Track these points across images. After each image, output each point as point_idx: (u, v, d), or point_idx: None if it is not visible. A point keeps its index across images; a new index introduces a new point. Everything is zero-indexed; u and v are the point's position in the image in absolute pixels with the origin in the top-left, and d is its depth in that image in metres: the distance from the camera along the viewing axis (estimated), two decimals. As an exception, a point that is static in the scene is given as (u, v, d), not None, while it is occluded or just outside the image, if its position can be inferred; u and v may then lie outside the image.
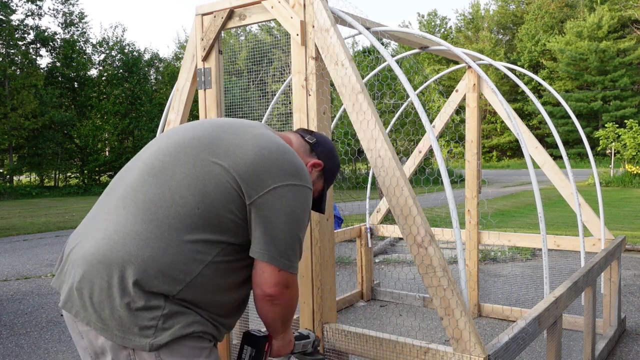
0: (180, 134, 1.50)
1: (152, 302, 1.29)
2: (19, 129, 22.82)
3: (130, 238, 1.32)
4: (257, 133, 1.47)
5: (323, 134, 1.76)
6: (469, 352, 1.75)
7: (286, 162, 1.42)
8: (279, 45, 13.29)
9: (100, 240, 1.35)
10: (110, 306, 1.29)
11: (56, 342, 4.09)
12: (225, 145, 1.42)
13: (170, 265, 1.30)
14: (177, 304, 1.32)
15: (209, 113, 2.48)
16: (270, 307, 1.44)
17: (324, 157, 1.67)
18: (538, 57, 45.90)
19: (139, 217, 1.35)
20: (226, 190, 1.35)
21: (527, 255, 6.88)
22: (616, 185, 19.85)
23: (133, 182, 1.43)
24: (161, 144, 1.49)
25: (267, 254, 1.38)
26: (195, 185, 1.36)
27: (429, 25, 54.33)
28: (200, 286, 1.34)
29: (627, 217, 10.90)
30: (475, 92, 4.14)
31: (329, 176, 1.71)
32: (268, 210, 1.37)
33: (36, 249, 8.58)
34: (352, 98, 2.01)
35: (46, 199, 20.90)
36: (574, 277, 2.73)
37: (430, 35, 2.85)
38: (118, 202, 1.41)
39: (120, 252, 1.31)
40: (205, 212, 1.34)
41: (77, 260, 1.37)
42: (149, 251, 1.30)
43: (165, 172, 1.40)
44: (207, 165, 1.38)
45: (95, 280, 1.30)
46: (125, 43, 29.38)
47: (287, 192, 1.39)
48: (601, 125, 36.38)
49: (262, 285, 1.40)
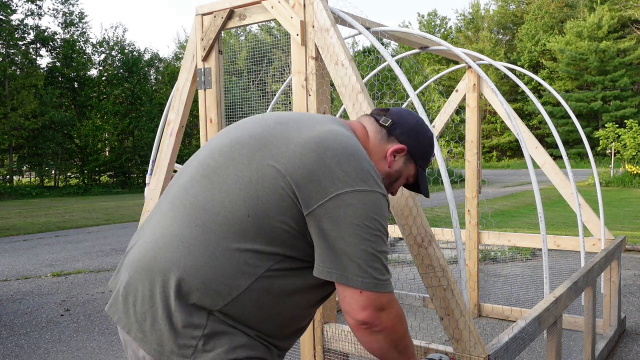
0: (239, 130, 1.34)
1: (194, 318, 1.16)
2: (19, 129, 22.83)
3: (174, 244, 1.21)
4: (324, 130, 1.27)
5: (402, 110, 1.51)
6: (469, 352, 1.75)
7: (352, 165, 1.20)
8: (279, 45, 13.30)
9: (147, 245, 1.26)
10: (152, 317, 1.18)
11: (56, 342, 4.09)
12: (284, 144, 1.23)
13: (215, 277, 1.16)
14: (220, 322, 1.17)
15: (209, 113, 2.48)
16: (371, 336, 1.21)
17: (405, 139, 1.44)
18: (538, 57, 45.90)
19: (185, 221, 1.23)
20: (280, 197, 1.18)
21: (527, 255, 6.88)
22: (616, 185, 19.85)
23: (185, 182, 1.31)
24: (219, 141, 1.35)
25: (336, 272, 1.17)
26: (247, 190, 1.20)
27: (429, 25, 54.32)
28: (249, 302, 1.19)
29: (627, 217, 10.90)
30: (475, 92, 4.14)
31: (419, 157, 1.48)
32: (331, 221, 1.16)
33: (36, 249, 8.58)
34: (352, 98, 2.01)
35: (46, 199, 20.90)
36: (574, 277, 2.73)
37: (430, 35, 2.85)
38: (169, 204, 1.30)
39: (163, 259, 1.20)
40: (257, 220, 1.18)
41: (127, 263, 1.29)
42: (192, 260, 1.18)
43: (218, 174, 1.25)
44: (261, 168, 1.21)
45: (139, 288, 1.21)
46: (126, 43, 29.41)
47: (353, 199, 1.17)
48: (601, 125, 36.38)
49: (350, 312, 1.19)
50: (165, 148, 2.67)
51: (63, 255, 8.00)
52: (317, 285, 1.26)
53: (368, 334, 1.20)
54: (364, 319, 1.18)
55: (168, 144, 2.66)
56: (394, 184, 1.48)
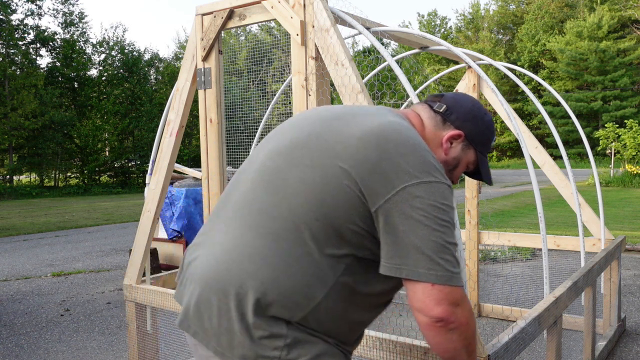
0: (297, 129, 1.29)
1: (274, 328, 1.12)
2: (19, 129, 22.85)
3: (247, 255, 1.16)
4: (383, 122, 1.22)
5: (457, 94, 1.46)
6: (469, 352, 1.75)
7: (416, 156, 1.16)
8: (279, 45, 13.31)
9: (218, 257, 1.19)
10: (229, 331, 1.13)
11: (56, 342, 4.09)
12: (344, 140, 1.18)
13: (292, 288, 1.12)
14: (300, 331, 1.13)
15: (209, 113, 2.48)
16: (446, 334, 1.12)
17: (461, 124, 1.39)
18: (538, 57, 45.92)
19: (255, 230, 1.18)
20: (347, 196, 1.13)
21: (527, 255, 6.88)
22: (616, 185, 19.85)
23: (247, 188, 1.25)
24: (277, 142, 1.29)
25: (406, 268, 1.11)
26: (313, 192, 1.15)
27: (429, 25, 54.35)
28: (325, 311, 1.14)
29: (627, 217, 10.91)
30: (475, 92, 4.14)
31: (478, 142, 1.42)
32: (399, 215, 1.11)
33: (36, 249, 8.58)
34: (352, 98, 2.01)
35: (46, 199, 20.92)
36: (574, 277, 2.73)
37: (430, 35, 2.85)
38: (234, 212, 1.24)
39: (237, 272, 1.15)
40: (326, 223, 1.14)
41: (194, 276, 1.22)
42: (267, 271, 1.13)
43: (280, 177, 1.20)
44: (325, 168, 1.16)
45: (213, 302, 1.16)
46: (126, 43, 29.43)
47: (420, 191, 1.12)
48: (601, 125, 36.39)
49: (423, 309, 1.10)
50: (165, 148, 2.67)
51: (63, 255, 8.00)
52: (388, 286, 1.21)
53: (443, 332, 1.12)
54: (440, 314, 1.10)
55: (168, 144, 2.66)
56: (453, 171, 1.43)
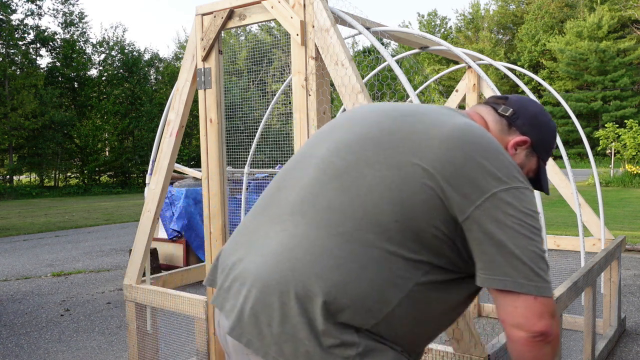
0: (363, 124, 1.20)
1: (345, 336, 1.03)
2: (19, 129, 22.85)
3: (316, 256, 1.07)
4: (460, 123, 1.14)
5: (522, 98, 1.38)
6: (469, 352, 1.75)
7: (501, 160, 1.10)
8: (279, 45, 13.29)
9: (278, 256, 1.10)
10: (293, 339, 1.04)
11: (56, 342, 4.09)
12: (423, 139, 1.11)
13: (366, 293, 1.04)
14: (371, 339, 1.06)
15: (209, 113, 2.48)
16: (543, 349, 1.06)
17: (528, 130, 1.31)
18: (538, 57, 45.93)
19: (324, 229, 1.09)
20: (429, 198, 1.06)
21: (527, 255, 6.86)
22: (616, 185, 19.85)
23: (310, 184, 1.16)
24: (341, 137, 1.20)
25: (509, 279, 1.03)
26: (391, 192, 1.07)
27: (429, 25, 54.35)
28: (398, 319, 1.07)
29: (627, 217, 10.91)
30: (475, 92, 4.14)
31: (542, 150, 1.34)
32: (493, 223, 1.05)
33: (36, 249, 8.58)
34: (352, 98, 2.01)
35: (46, 199, 20.91)
36: (574, 277, 2.73)
37: (430, 35, 2.86)
38: (292, 209, 1.15)
39: (305, 273, 1.06)
40: (405, 225, 1.06)
41: (248, 277, 1.11)
42: (339, 274, 1.05)
43: (351, 174, 1.12)
44: (404, 166, 1.08)
45: (275, 306, 1.06)
46: (126, 43, 29.44)
47: (510, 197, 1.06)
48: (601, 125, 36.39)
49: (524, 324, 1.03)
50: (165, 148, 2.67)
51: (63, 255, 8.00)
52: (462, 297, 1.15)
53: (540, 346, 1.05)
54: (542, 329, 1.03)
55: (168, 144, 2.66)
56: None
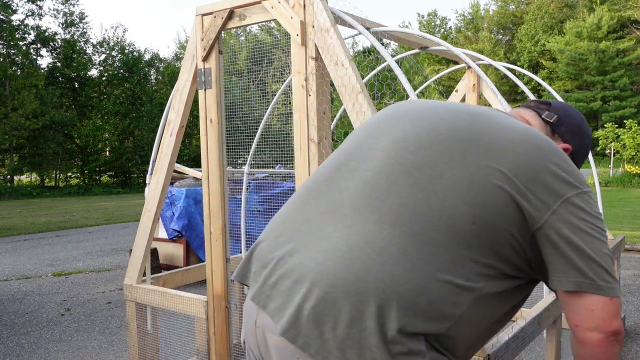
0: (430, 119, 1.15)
1: (413, 344, 0.98)
2: (20, 129, 22.86)
3: (390, 256, 1.01)
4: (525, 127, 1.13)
5: (565, 105, 1.38)
6: (469, 351, 1.76)
7: (570, 165, 1.10)
8: (279, 46, 13.28)
9: (346, 254, 1.02)
10: (359, 344, 0.97)
11: (57, 341, 4.10)
12: (497, 141, 1.08)
13: (441, 297, 1.00)
14: (434, 349, 1.01)
15: (209, 113, 2.49)
16: (615, 347, 1.07)
17: (570, 138, 1.31)
18: (538, 57, 45.93)
19: (398, 227, 1.03)
20: (505, 202, 1.04)
21: (527, 255, 6.87)
22: (615, 185, 19.85)
23: (375, 178, 1.10)
24: (409, 132, 1.14)
25: (587, 281, 1.04)
26: (470, 192, 1.04)
27: (429, 25, 54.35)
28: (463, 325, 1.03)
29: (626, 217, 10.91)
30: (475, 92, 4.15)
31: (579, 158, 1.35)
32: (569, 227, 1.05)
33: (37, 249, 8.59)
34: (352, 98, 2.02)
35: (47, 199, 20.92)
36: (574, 276, 2.73)
37: (430, 35, 2.86)
38: (357, 204, 1.08)
39: (379, 274, 0.99)
40: (482, 228, 1.03)
41: (306, 274, 1.04)
42: (417, 277, 0.99)
43: (424, 171, 1.07)
44: (481, 167, 1.06)
45: (343, 307, 0.98)
46: (126, 43, 29.46)
47: (581, 201, 1.07)
48: (601, 125, 36.39)
49: (601, 325, 1.04)
50: (165, 148, 2.68)
51: (63, 255, 8.01)
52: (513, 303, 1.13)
53: (613, 345, 1.06)
54: (616, 328, 1.04)
55: (168, 144, 2.66)
56: None
